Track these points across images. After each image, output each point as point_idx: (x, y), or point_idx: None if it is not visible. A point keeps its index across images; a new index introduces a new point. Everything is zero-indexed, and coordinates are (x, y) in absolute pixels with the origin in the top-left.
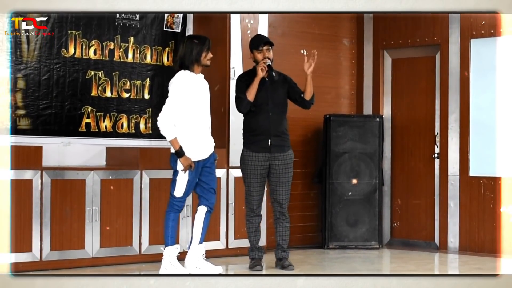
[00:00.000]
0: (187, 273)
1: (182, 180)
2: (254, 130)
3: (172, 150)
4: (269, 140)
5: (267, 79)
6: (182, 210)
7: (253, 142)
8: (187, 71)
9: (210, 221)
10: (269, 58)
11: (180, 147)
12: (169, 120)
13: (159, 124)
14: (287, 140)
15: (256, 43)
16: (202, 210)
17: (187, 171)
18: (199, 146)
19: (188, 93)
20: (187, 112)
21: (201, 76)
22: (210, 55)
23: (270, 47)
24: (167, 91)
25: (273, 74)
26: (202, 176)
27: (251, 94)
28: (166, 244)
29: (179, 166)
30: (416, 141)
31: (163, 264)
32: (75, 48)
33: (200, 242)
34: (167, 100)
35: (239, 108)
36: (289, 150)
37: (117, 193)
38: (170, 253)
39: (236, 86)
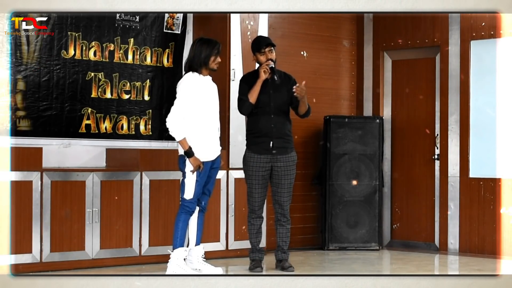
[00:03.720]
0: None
1: (191, 182)
2: (257, 132)
3: (181, 152)
4: (271, 142)
5: (269, 80)
6: (193, 212)
7: (256, 143)
8: (195, 73)
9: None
10: (272, 60)
11: (190, 147)
12: (177, 120)
13: (168, 125)
14: (290, 142)
15: (258, 45)
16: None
17: (195, 172)
18: (208, 147)
19: (196, 95)
20: (195, 113)
21: (209, 78)
22: (218, 59)
23: (273, 48)
24: (167, 93)
25: (275, 77)
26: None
27: (252, 97)
28: (175, 246)
29: (188, 167)
30: (416, 143)
31: (169, 267)
32: (75, 50)
33: (197, 243)
34: (175, 101)
35: (240, 110)
36: (292, 152)
37: (117, 195)
38: (178, 255)
39: (239, 87)
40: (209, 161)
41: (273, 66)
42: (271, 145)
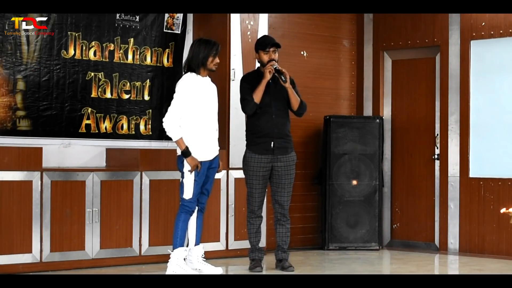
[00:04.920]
0: (187, 273)
1: (189, 182)
2: (258, 132)
3: (179, 152)
4: (272, 143)
5: (270, 81)
6: (193, 212)
7: (257, 144)
8: (193, 74)
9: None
10: (275, 60)
11: (186, 147)
12: (174, 121)
13: (164, 125)
14: (290, 142)
15: (263, 44)
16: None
17: (194, 172)
18: (205, 147)
19: (194, 95)
20: (193, 114)
21: (208, 79)
22: (217, 60)
23: (277, 49)
24: (167, 92)
25: (282, 78)
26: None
27: (257, 96)
28: (175, 246)
29: (186, 167)
30: (416, 143)
31: (170, 266)
32: (75, 50)
33: (197, 243)
34: (172, 102)
35: (245, 110)
36: (292, 152)
37: (117, 194)
38: (178, 255)
39: (241, 87)
40: (206, 161)
41: (277, 67)
42: (272, 145)
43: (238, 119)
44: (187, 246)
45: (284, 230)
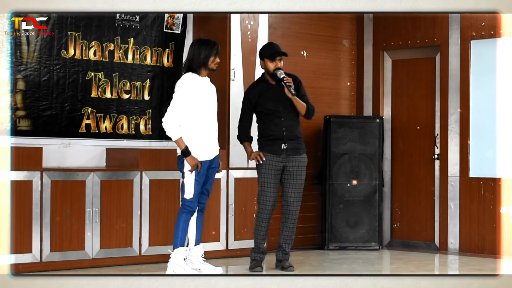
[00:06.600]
0: (187, 273)
1: (190, 181)
2: (269, 136)
3: (179, 152)
4: (283, 145)
5: (277, 85)
6: (194, 212)
7: (269, 145)
8: (194, 74)
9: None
10: (280, 68)
11: (186, 147)
12: (173, 120)
13: (164, 125)
14: (302, 143)
15: (270, 52)
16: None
17: (194, 172)
18: (205, 147)
19: (193, 95)
20: (192, 114)
21: (207, 79)
22: (217, 60)
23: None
24: (167, 92)
25: (292, 92)
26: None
27: (243, 144)
28: (175, 246)
29: (186, 167)
30: (416, 142)
31: (170, 266)
32: (75, 49)
33: (197, 243)
34: (171, 102)
35: (238, 129)
36: (304, 153)
37: (117, 194)
38: (178, 255)
39: (243, 104)
40: (206, 161)
41: (284, 77)
42: (283, 147)
43: (238, 119)
44: (187, 246)
45: (289, 233)
